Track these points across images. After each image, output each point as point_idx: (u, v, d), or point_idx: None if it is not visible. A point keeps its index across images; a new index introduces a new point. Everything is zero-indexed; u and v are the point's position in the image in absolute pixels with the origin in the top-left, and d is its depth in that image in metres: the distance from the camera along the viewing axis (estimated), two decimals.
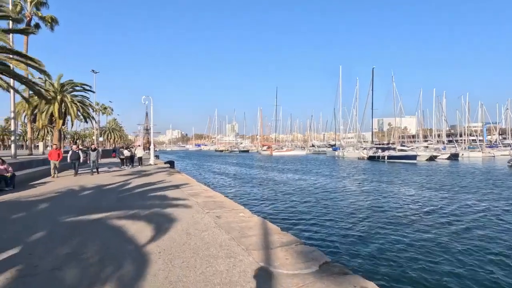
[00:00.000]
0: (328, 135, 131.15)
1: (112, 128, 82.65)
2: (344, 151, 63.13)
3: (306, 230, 8.98)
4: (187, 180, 12.52)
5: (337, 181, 21.68)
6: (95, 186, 10.70)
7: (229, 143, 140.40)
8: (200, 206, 6.85)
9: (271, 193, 16.11)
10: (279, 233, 4.74)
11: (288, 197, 14.92)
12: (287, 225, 9.16)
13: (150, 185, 10.61)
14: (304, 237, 8.00)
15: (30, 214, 6.36)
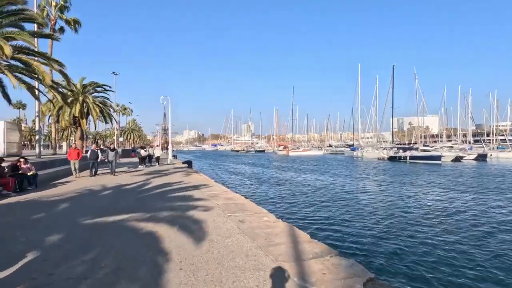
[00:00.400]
0: (346, 135, 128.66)
1: (132, 129, 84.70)
2: (363, 151, 61.39)
3: (334, 237, 8.42)
4: (205, 180, 12.27)
5: (358, 183, 20.86)
6: (114, 186, 10.63)
7: (245, 143, 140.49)
8: (221, 209, 6.51)
9: (290, 195, 15.62)
10: (309, 242, 4.30)
11: (308, 199, 14.38)
12: (311, 230, 8.67)
13: (168, 186, 10.43)
14: (335, 246, 7.49)
15: (50, 215, 6.24)
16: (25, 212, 6.44)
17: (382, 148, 58.77)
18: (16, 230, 5.00)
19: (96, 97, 29.78)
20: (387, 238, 8.37)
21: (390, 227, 9.48)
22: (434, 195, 15.48)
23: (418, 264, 6.60)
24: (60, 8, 30.30)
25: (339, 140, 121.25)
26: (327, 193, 16.18)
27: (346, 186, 19.13)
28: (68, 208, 6.93)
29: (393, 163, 43.39)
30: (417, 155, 46.32)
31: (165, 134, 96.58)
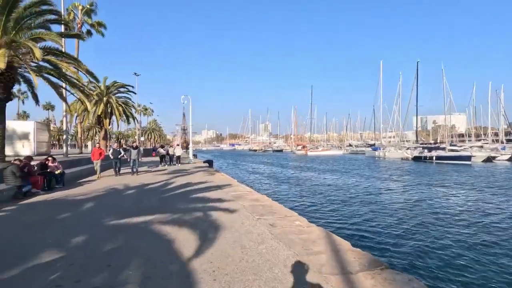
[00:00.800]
0: (366, 135, 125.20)
1: (153, 129, 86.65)
2: (385, 151, 59.30)
3: (368, 242, 7.86)
4: (228, 180, 12.02)
5: (384, 184, 19.93)
6: (137, 185, 10.59)
7: (262, 143, 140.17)
8: (248, 211, 6.18)
9: (312, 196, 15.08)
10: (352, 251, 3.86)
11: (332, 200, 13.79)
12: (345, 236, 8.16)
13: (191, 185, 10.25)
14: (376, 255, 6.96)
15: (76, 215, 6.16)
16: (52, 211, 6.41)
17: (406, 147, 56.51)
18: (44, 230, 4.91)
19: (119, 98, 30.49)
20: (427, 245, 7.71)
21: (428, 231, 8.79)
22: (470, 197, 14.42)
23: (470, 274, 5.97)
24: (87, 12, 31.31)
25: (359, 139, 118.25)
26: (352, 194, 15.50)
27: (372, 187, 18.30)
28: (92, 208, 6.85)
29: (418, 164, 41.54)
30: (445, 155, 44.09)
31: (184, 134, 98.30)
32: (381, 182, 20.82)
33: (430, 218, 10.48)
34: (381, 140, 69.68)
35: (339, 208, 12.11)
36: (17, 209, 6.70)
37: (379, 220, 10.13)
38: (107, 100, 28.25)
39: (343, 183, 20.32)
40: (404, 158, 51.32)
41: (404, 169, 32.82)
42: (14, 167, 7.76)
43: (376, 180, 21.99)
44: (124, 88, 30.93)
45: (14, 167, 7.76)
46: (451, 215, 10.93)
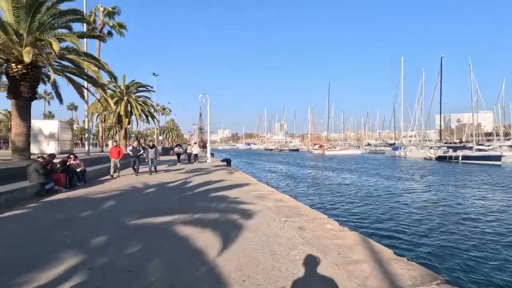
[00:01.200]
0: (385, 134, 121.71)
1: (170, 128, 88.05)
2: (406, 150, 57.22)
3: (409, 252, 7.24)
4: (247, 179, 11.72)
5: (408, 184, 18.98)
6: (156, 184, 10.47)
7: (278, 142, 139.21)
8: (272, 212, 5.82)
9: (334, 196, 14.50)
10: (397, 260, 3.42)
11: (358, 202, 13.14)
12: (377, 240, 7.61)
13: (211, 184, 10.01)
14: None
15: (96, 213, 6.02)
16: (73, 210, 6.32)
17: (428, 147, 54.25)
18: (64, 229, 4.76)
19: (138, 97, 30.96)
20: (475, 254, 7.06)
21: (469, 235, 8.09)
22: (509, 200, 13.37)
23: None
24: (108, 14, 32.01)
25: (377, 139, 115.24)
26: (376, 195, 14.79)
27: (396, 188, 17.45)
28: (113, 207, 6.71)
29: (442, 164, 39.71)
30: (472, 155, 41.89)
31: (201, 133, 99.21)
32: (406, 182, 19.86)
33: (469, 222, 9.71)
34: (402, 139, 67.25)
35: (364, 210, 11.51)
36: (39, 207, 6.66)
37: (410, 223, 9.48)
38: (127, 100, 28.74)
39: (364, 183, 19.54)
40: (427, 158, 49.35)
41: (429, 169, 31.38)
42: (38, 165, 7.79)
43: (399, 180, 21.03)
44: (143, 88, 31.40)
45: (38, 165, 7.79)
46: (492, 219, 10.10)
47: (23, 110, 11.95)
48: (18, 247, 4.00)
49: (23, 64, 11.47)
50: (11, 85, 11.73)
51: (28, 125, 12.25)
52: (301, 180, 22.04)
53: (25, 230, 4.79)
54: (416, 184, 19.17)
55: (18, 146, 11.86)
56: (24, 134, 11.98)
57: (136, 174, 13.62)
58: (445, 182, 19.99)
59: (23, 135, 11.97)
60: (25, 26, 10.95)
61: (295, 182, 20.84)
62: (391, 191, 16.01)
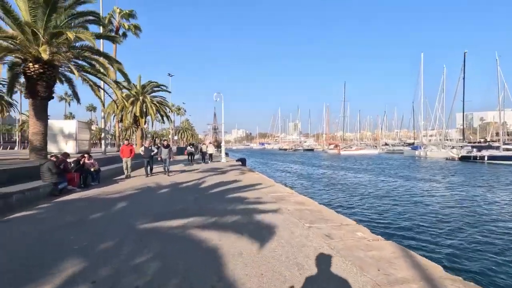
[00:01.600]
0: (402, 133, 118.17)
1: (185, 128, 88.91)
2: (426, 150, 54.99)
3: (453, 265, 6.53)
4: (264, 179, 11.25)
5: (434, 186, 17.91)
6: (170, 184, 10.17)
7: (292, 142, 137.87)
8: (294, 216, 5.33)
9: (355, 198, 13.78)
10: (451, 279, 2.85)
11: (381, 206, 12.36)
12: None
13: (227, 185, 9.61)
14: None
15: (107, 215, 5.72)
16: (84, 211, 6.05)
17: (450, 146, 51.93)
18: (72, 233, 4.46)
19: (154, 97, 31.15)
20: None
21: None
22: None
23: None
24: (124, 16, 32.42)
25: (394, 138, 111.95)
26: (401, 198, 13.92)
27: (420, 190, 16.48)
28: (125, 208, 6.40)
29: (466, 164, 37.77)
30: (499, 155, 39.63)
31: (215, 133, 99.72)
32: (430, 184, 18.78)
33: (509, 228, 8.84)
34: (422, 138, 64.79)
35: (390, 214, 10.76)
36: (50, 207, 6.45)
37: (447, 231, 8.70)
38: (143, 100, 28.92)
39: (384, 185, 18.63)
40: (449, 158, 47.18)
41: (452, 170, 29.81)
42: (51, 164, 7.64)
43: (422, 182, 19.95)
44: (159, 88, 31.56)
45: (51, 164, 7.64)
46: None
47: (40, 109, 11.99)
48: (16, 253, 3.69)
49: (40, 64, 11.50)
50: (29, 85, 11.80)
51: (45, 124, 12.30)
52: (317, 180, 21.36)
53: (30, 233, 4.52)
54: (442, 186, 18.09)
55: (36, 145, 11.91)
56: (41, 133, 12.03)
57: (148, 175, 12.70)
58: (473, 184, 18.77)
59: (40, 134, 12.02)
60: (42, 25, 10.96)
61: (311, 183, 20.19)
62: (416, 194, 15.10)
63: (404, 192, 15.44)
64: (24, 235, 4.43)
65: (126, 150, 12.15)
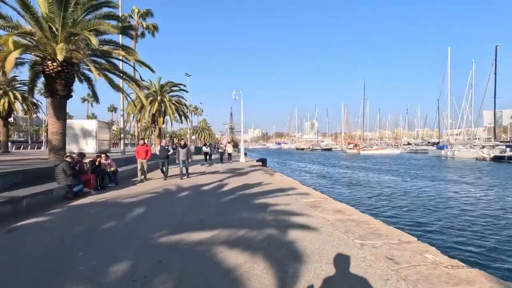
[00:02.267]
0: (423, 132, 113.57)
1: (203, 128, 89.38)
2: (454, 149, 51.96)
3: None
4: (290, 182, 10.39)
5: (476, 189, 16.31)
6: (190, 187, 9.52)
7: (310, 141, 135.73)
8: (338, 229, 4.46)
9: (390, 203, 12.60)
10: None
11: (425, 212, 10.98)
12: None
13: (250, 188, 8.84)
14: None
15: (121, 226, 5.07)
16: (97, 218, 5.46)
17: (480, 146, 48.86)
18: (80, 247, 3.82)
19: (172, 96, 31.00)
20: None
21: None
22: None
23: None
24: (142, 15, 32.52)
25: (415, 137, 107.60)
26: (446, 204, 12.53)
27: (462, 194, 14.99)
28: (141, 216, 5.73)
29: (499, 165, 35.13)
30: None
31: (232, 133, 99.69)
32: (470, 187, 17.17)
33: None
34: (449, 137, 61.49)
35: (443, 226, 9.50)
36: (62, 214, 5.89)
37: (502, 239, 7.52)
38: (161, 99, 28.83)
39: (418, 187, 17.19)
40: (480, 158, 44.29)
41: (488, 171, 27.62)
42: (65, 165, 7.16)
43: (459, 184, 18.34)
44: (177, 87, 31.39)
45: (65, 165, 7.16)
46: None
47: (58, 108, 11.74)
48: (9, 277, 3.07)
49: (58, 62, 11.24)
50: (47, 83, 11.57)
51: (64, 124, 12.05)
52: (341, 182, 20.19)
53: (33, 248, 3.90)
54: (488, 189, 16.47)
55: (55, 145, 11.67)
56: (59, 133, 11.78)
57: (165, 178, 11.52)
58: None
59: (59, 134, 11.77)
60: (59, 22, 10.66)
61: (334, 184, 19.08)
62: (465, 200, 13.52)
63: (444, 197, 14.05)
64: (26, 251, 3.81)
65: (142, 150, 11.03)
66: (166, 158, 11.62)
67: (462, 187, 17.19)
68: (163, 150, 11.77)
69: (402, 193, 14.94)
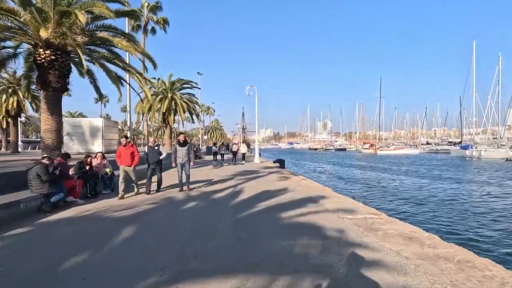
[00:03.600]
0: (440, 132, 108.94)
1: (214, 127, 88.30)
2: (480, 149, 48.66)
3: None
4: (319, 188, 8.58)
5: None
6: (198, 195, 7.82)
7: (323, 141, 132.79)
8: (435, 282, 2.70)
9: (429, 209, 10.65)
10: None
11: (479, 221, 9.15)
12: None
13: (273, 197, 7.10)
14: None
15: (98, 261, 3.46)
16: (66, 245, 3.86)
17: (509, 146, 45.63)
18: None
19: (183, 94, 29.62)
20: None
21: None
22: None
23: None
24: (152, 9, 31.34)
25: (432, 137, 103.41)
26: (486, 209, 10.57)
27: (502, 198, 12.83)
28: (128, 244, 4.06)
29: None
30: None
31: (244, 133, 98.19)
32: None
33: None
34: (474, 136, 57.87)
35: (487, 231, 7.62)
36: (19, 238, 4.23)
37: None
38: (172, 97, 27.39)
39: (462, 192, 15.02)
40: (510, 159, 41.16)
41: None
42: (40, 168, 5.57)
43: (500, 187, 16.03)
44: (188, 85, 29.97)
45: (40, 168, 5.57)
46: None
47: (52, 102, 10.35)
48: None
49: (51, 49, 9.86)
50: (39, 74, 10.20)
51: (58, 120, 10.67)
52: (367, 186, 18.16)
53: None
54: None
55: (48, 144, 10.29)
56: (53, 130, 10.39)
57: (150, 193, 8.04)
58: None
59: (53, 132, 10.39)
60: (51, 4, 9.27)
61: (357, 188, 17.12)
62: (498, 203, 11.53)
63: (491, 203, 11.94)
64: None
65: (126, 154, 7.60)
66: (156, 164, 8.34)
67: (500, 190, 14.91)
68: (152, 152, 8.25)
69: (451, 199, 12.85)
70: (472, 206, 11.55)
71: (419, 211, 10.83)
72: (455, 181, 19.53)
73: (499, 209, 10.96)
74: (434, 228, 8.41)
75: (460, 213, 10.46)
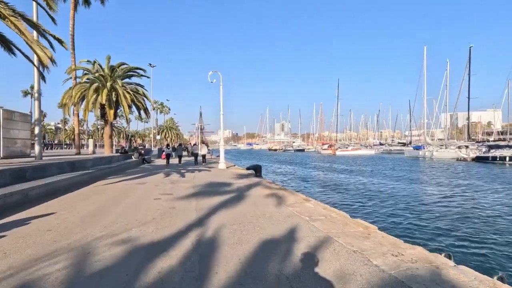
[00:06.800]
0: (387, 133, 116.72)
1: (170, 127, 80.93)
2: (432, 150, 50.87)
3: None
4: (349, 223, 5.03)
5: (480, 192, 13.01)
6: (124, 240, 3.81)
7: (282, 142, 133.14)
8: None
9: (399, 213, 8.35)
10: None
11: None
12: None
13: (273, 246, 3.37)
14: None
15: None
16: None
17: (458, 146, 48.26)
18: None
19: (128, 83, 24.26)
20: None
21: None
22: None
23: None
24: None
25: (379, 138, 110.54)
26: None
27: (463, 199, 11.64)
28: None
29: (483, 165, 34.04)
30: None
31: (202, 133, 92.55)
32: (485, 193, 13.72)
33: None
34: (425, 137, 60.76)
35: None
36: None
37: None
38: (112, 86, 21.86)
39: (423, 193, 14.78)
40: (460, 159, 43.33)
41: (476, 172, 25.59)
42: None
43: (459, 187, 15.17)
44: (134, 72, 24.61)
45: None
46: None
47: None
48: None
49: None
50: None
51: None
52: (330, 187, 16.42)
53: None
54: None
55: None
56: None
57: None
58: None
59: None
60: None
61: (323, 189, 15.74)
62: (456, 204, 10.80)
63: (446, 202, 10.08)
64: None
65: None
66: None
67: (470, 192, 13.63)
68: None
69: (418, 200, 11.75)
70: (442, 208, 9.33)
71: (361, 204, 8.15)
72: (419, 181, 19.84)
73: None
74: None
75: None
